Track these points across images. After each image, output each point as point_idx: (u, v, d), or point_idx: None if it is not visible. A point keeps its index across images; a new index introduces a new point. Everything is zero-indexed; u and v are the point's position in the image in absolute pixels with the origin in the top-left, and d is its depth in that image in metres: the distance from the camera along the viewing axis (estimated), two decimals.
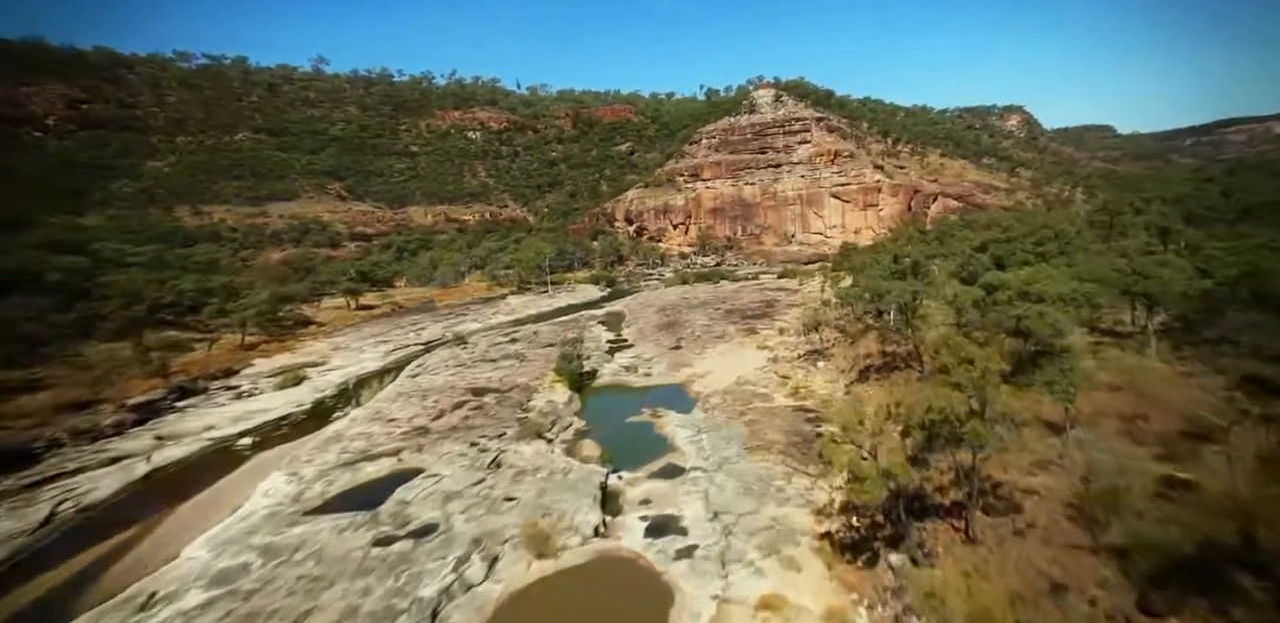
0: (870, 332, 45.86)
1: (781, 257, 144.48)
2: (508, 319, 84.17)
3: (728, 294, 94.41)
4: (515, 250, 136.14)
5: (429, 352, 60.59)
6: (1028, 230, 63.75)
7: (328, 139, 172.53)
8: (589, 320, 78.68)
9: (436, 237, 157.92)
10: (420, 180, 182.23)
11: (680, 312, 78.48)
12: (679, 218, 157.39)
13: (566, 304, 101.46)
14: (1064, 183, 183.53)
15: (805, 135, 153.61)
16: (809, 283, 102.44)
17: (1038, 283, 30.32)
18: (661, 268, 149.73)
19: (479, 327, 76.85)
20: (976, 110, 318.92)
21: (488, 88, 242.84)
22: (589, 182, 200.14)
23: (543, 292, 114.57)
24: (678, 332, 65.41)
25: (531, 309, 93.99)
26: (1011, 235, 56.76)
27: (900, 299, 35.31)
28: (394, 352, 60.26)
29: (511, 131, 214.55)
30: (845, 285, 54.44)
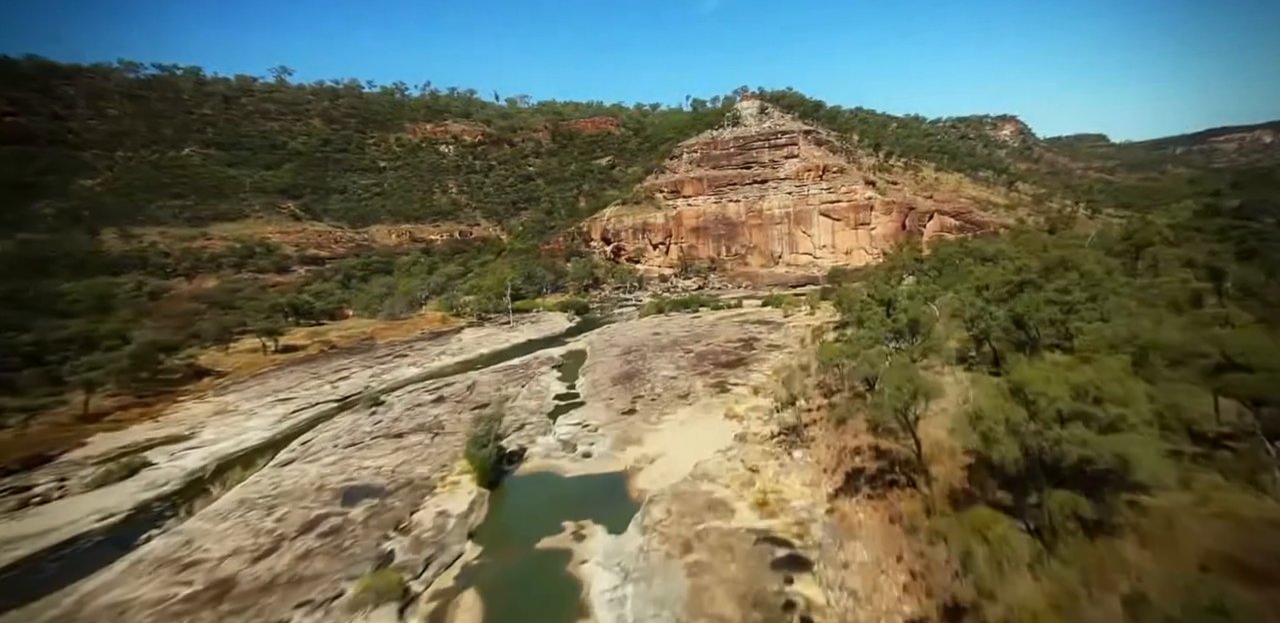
0: (860, 409, 36.74)
1: (768, 279, 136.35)
2: (453, 361, 74.59)
3: (703, 330, 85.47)
4: (479, 276, 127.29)
5: (342, 412, 50.79)
6: (1042, 267, 55.49)
7: (286, 154, 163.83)
8: (542, 365, 69.25)
9: (400, 258, 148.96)
10: (386, 197, 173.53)
11: (645, 356, 69.26)
12: (659, 237, 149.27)
13: (526, 340, 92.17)
14: (1064, 197, 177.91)
15: (792, 149, 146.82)
16: (795, 313, 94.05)
17: (1096, 387, 21.36)
18: (639, 292, 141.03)
19: (415, 373, 67.17)
20: (970, 120, 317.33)
21: (463, 99, 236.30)
22: (566, 198, 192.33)
23: (504, 323, 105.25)
24: (637, 386, 56.14)
25: (485, 347, 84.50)
26: (1026, 277, 48.26)
27: (899, 400, 26.24)
28: (293, 415, 50.36)
29: (486, 145, 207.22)
30: (830, 341, 45.57)
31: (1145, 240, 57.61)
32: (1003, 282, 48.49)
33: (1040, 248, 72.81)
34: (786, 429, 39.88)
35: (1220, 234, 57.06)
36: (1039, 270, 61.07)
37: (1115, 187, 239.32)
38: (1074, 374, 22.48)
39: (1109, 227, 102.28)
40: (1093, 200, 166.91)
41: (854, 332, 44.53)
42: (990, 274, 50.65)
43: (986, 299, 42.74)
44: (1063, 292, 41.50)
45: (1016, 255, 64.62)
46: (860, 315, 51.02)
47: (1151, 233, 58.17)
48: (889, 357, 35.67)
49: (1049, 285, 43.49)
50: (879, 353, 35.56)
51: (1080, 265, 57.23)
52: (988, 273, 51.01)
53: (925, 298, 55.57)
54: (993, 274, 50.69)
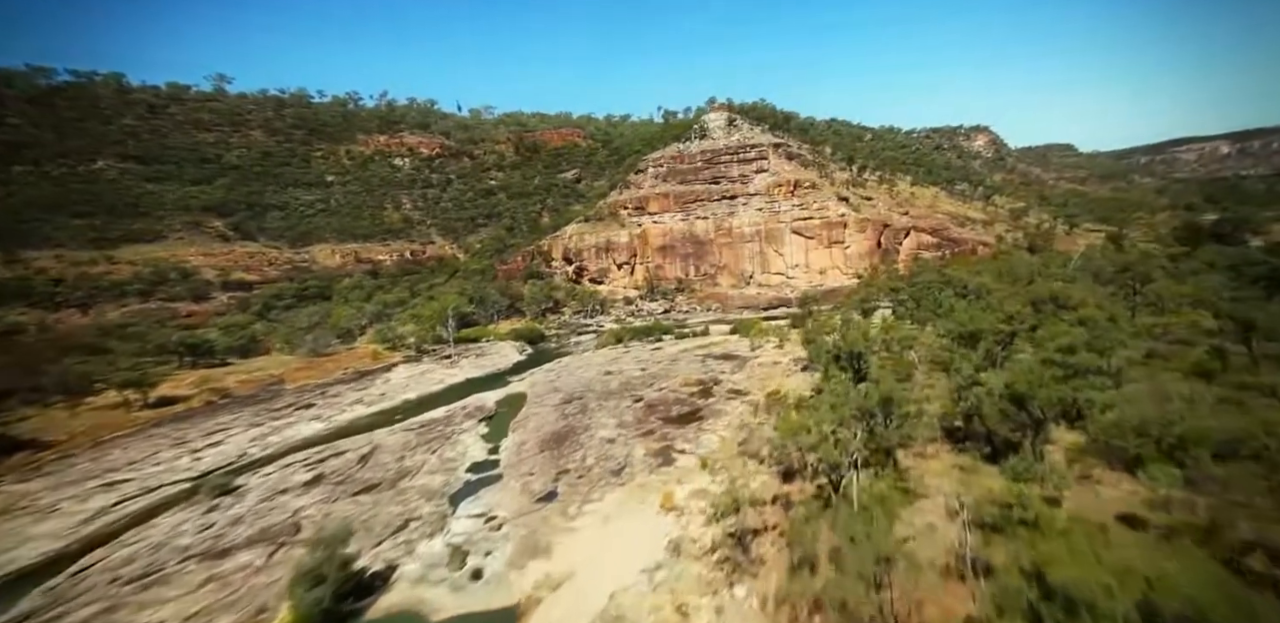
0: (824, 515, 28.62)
1: (739, 301, 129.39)
2: (367, 413, 64.77)
3: (660, 368, 77.28)
4: (422, 302, 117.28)
5: (185, 503, 40.67)
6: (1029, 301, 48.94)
7: (219, 168, 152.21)
8: (468, 418, 60.01)
9: (343, 281, 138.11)
10: (331, 214, 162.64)
11: (588, 406, 60.64)
12: (623, 257, 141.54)
13: (465, 379, 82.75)
14: (1040, 210, 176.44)
15: (762, 164, 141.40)
16: (763, 344, 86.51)
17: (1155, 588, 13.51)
18: (602, 316, 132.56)
19: (314, 432, 57.25)
20: (944, 130, 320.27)
21: (422, 110, 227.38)
22: (529, 213, 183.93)
23: (445, 357, 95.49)
24: (567, 453, 47.46)
25: (413, 390, 74.81)
26: (1017, 325, 41.38)
27: (859, 581, 18.19)
28: (114, 509, 39.91)
29: (445, 158, 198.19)
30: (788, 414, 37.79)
31: (1146, 275, 51.63)
32: (992, 331, 41.39)
33: (1026, 278, 66.96)
34: (732, 536, 31.48)
35: (1234, 272, 51.14)
36: (1027, 302, 54.71)
37: (1088, 198, 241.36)
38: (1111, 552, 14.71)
39: (1092, 248, 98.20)
40: (1070, 215, 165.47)
41: (817, 402, 36.67)
42: (976, 319, 43.55)
43: (976, 366, 35.29)
44: (1066, 351, 34.37)
45: (999, 288, 58.29)
46: (826, 373, 43.50)
47: (1153, 266, 52.23)
48: (855, 454, 27.71)
49: (1049, 341, 36.41)
50: (843, 448, 27.60)
51: (1071, 301, 50.96)
52: (972, 317, 43.93)
53: (901, 345, 48.35)
54: (980, 319, 43.62)
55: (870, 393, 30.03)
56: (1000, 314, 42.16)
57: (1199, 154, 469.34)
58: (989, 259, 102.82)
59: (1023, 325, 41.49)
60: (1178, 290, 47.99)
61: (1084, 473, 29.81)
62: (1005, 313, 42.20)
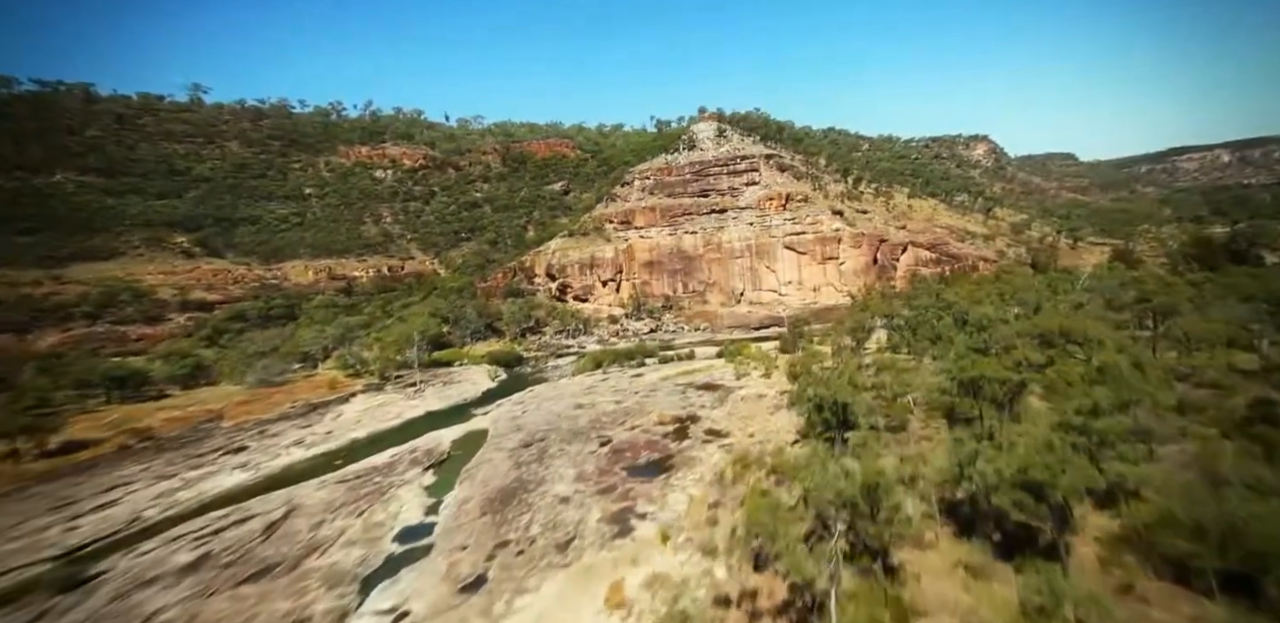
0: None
1: (728, 320, 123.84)
2: (305, 456, 58.64)
3: (637, 400, 71.42)
4: (391, 324, 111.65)
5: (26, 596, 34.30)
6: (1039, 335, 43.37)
7: (189, 181, 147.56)
8: (414, 465, 53.90)
9: (314, 299, 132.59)
10: (307, 228, 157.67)
11: (548, 451, 54.66)
12: (608, 273, 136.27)
13: (425, 412, 76.83)
14: (1043, 223, 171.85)
15: (753, 176, 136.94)
16: (749, 372, 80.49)
17: None
18: (584, 337, 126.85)
19: (235, 483, 51.12)
20: (943, 139, 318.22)
21: (407, 120, 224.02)
22: (514, 227, 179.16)
23: (410, 385, 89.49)
24: (512, 517, 41.42)
25: (365, 427, 68.75)
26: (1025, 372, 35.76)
27: None
28: None
29: (429, 169, 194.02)
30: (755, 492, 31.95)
31: (1170, 307, 46.01)
32: (999, 380, 35.59)
33: (1032, 304, 61.44)
34: None
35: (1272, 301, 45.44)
36: (1035, 336, 49.09)
37: (1090, 208, 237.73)
38: None
39: (1100, 267, 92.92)
40: (1073, 228, 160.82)
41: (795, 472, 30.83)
42: (979, 364, 37.79)
43: (979, 435, 29.49)
44: (1089, 414, 28.61)
45: (1003, 320, 52.65)
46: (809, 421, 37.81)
47: (1178, 298, 46.63)
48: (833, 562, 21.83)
49: (1067, 402, 30.66)
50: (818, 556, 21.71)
51: (1085, 335, 45.36)
52: (974, 363, 38.20)
53: (895, 389, 42.56)
54: (983, 364, 37.87)
55: (850, 478, 24.16)
56: (1007, 360, 36.42)
57: (1200, 163, 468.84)
58: (991, 277, 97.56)
59: (1032, 371, 35.85)
60: (1207, 328, 42.31)
61: (1123, 583, 23.81)
62: (1013, 359, 36.50)
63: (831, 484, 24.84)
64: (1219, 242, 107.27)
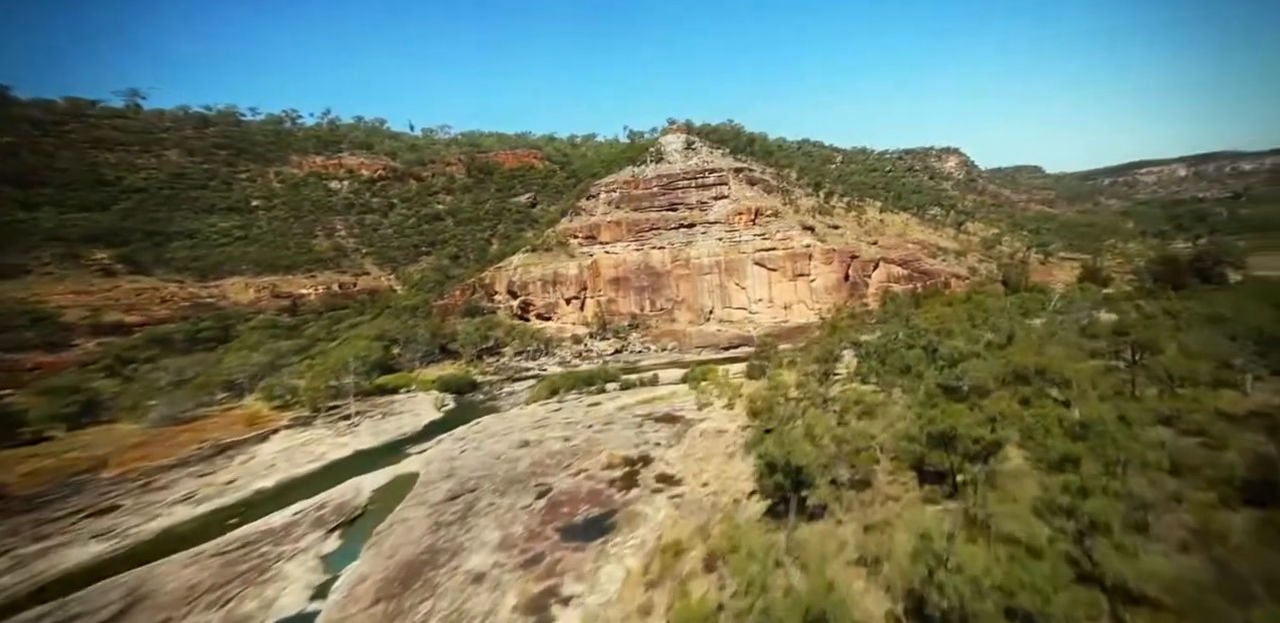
0: None
1: (697, 339, 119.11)
2: (190, 516, 50.86)
3: (587, 436, 65.50)
4: (331, 348, 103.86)
5: None
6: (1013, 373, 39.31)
7: (117, 191, 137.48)
8: (316, 527, 46.91)
9: (254, 318, 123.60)
10: (251, 243, 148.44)
11: (473, 507, 48.34)
12: (572, 290, 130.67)
13: (353, 452, 69.62)
14: (1013, 238, 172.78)
15: (722, 190, 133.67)
16: (713, 401, 75.30)
17: None
18: (546, 358, 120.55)
19: (87, 557, 43.21)
20: (916, 152, 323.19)
21: (367, 130, 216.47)
22: (477, 240, 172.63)
23: (345, 417, 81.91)
24: (408, 611, 34.88)
25: (274, 474, 61.18)
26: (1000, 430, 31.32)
27: None
28: None
29: (389, 180, 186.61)
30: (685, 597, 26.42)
31: (1152, 342, 42.49)
32: (971, 438, 30.92)
33: (1005, 331, 57.92)
34: None
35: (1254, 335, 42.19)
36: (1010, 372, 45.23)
37: (1058, 222, 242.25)
38: None
39: (1072, 289, 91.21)
40: (1043, 243, 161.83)
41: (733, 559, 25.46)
42: (950, 414, 33.19)
43: (949, 534, 24.60)
44: (1078, 493, 24.10)
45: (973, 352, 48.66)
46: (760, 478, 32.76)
47: (1159, 332, 43.15)
48: None
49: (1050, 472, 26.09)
50: None
51: (1062, 374, 41.51)
52: (944, 412, 33.58)
53: (858, 449, 37.74)
54: (954, 414, 33.26)
55: (795, 605, 18.76)
56: (979, 415, 31.92)
57: (1158, 176, 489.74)
58: (962, 297, 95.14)
59: (1009, 429, 31.48)
60: (1191, 367, 38.80)
61: None
62: (986, 413, 32.03)
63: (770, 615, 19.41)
64: (1184, 259, 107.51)
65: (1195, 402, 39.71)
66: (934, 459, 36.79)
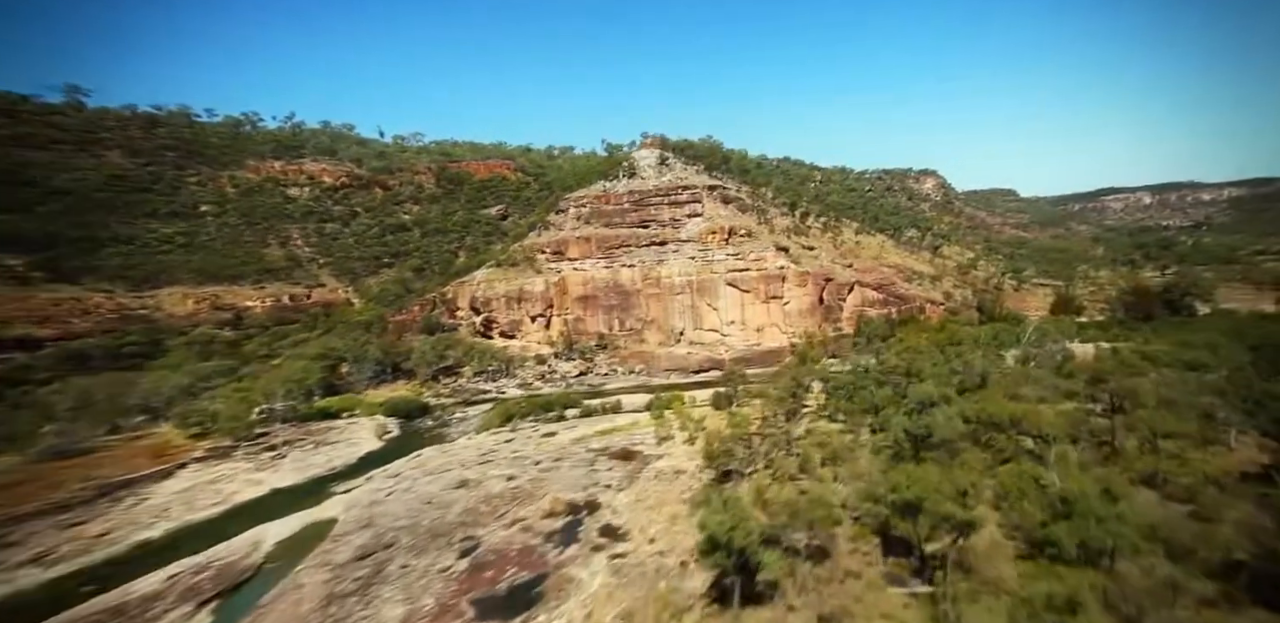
0: None
1: (666, 362, 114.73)
2: (35, 583, 43.49)
3: (534, 475, 59.98)
4: (275, 365, 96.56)
5: None
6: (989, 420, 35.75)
7: (42, 193, 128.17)
8: (184, 605, 40.15)
9: (191, 332, 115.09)
10: (196, 250, 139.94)
11: (383, 572, 42.37)
12: (538, 308, 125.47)
13: (269, 491, 62.84)
14: (989, 262, 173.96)
15: (695, 207, 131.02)
16: (674, 434, 70.44)
17: None
18: (507, 379, 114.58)
19: None
20: (895, 173, 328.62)
21: (333, 135, 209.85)
22: (444, 252, 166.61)
23: (269, 448, 74.71)
24: None
25: (166, 522, 54.14)
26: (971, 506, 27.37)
27: None
28: None
29: (352, 188, 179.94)
30: None
31: (1132, 392, 39.47)
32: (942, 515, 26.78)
33: (979, 371, 54.81)
34: None
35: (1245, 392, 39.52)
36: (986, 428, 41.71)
37: (1032, 246, 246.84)
38: None
39: (1046, 321, 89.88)
40: (1017, 269, 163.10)
41: None
42: (917, 481, 29.09)
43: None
44: (1064, 609, 19.81)
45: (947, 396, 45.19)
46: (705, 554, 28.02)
47: (1138, 383, 40.15)
48: None
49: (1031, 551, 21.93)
50: None
51: (1040, 426, 38.12)
52: (911, 480, 29.43)
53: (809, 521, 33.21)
54: (920, 481, 29.15)
55: None
56: (949, 486, 27.86)
57: (1125, 203, 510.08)
58: (936, 327, 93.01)
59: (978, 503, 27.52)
60: (1176, 424, 35.79)
61: None
62: (956, 486, 28.01)
63: None
64: (1155, 290, 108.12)
65: (1180, 460, 36.64)
66: (900, 528, 32.69)
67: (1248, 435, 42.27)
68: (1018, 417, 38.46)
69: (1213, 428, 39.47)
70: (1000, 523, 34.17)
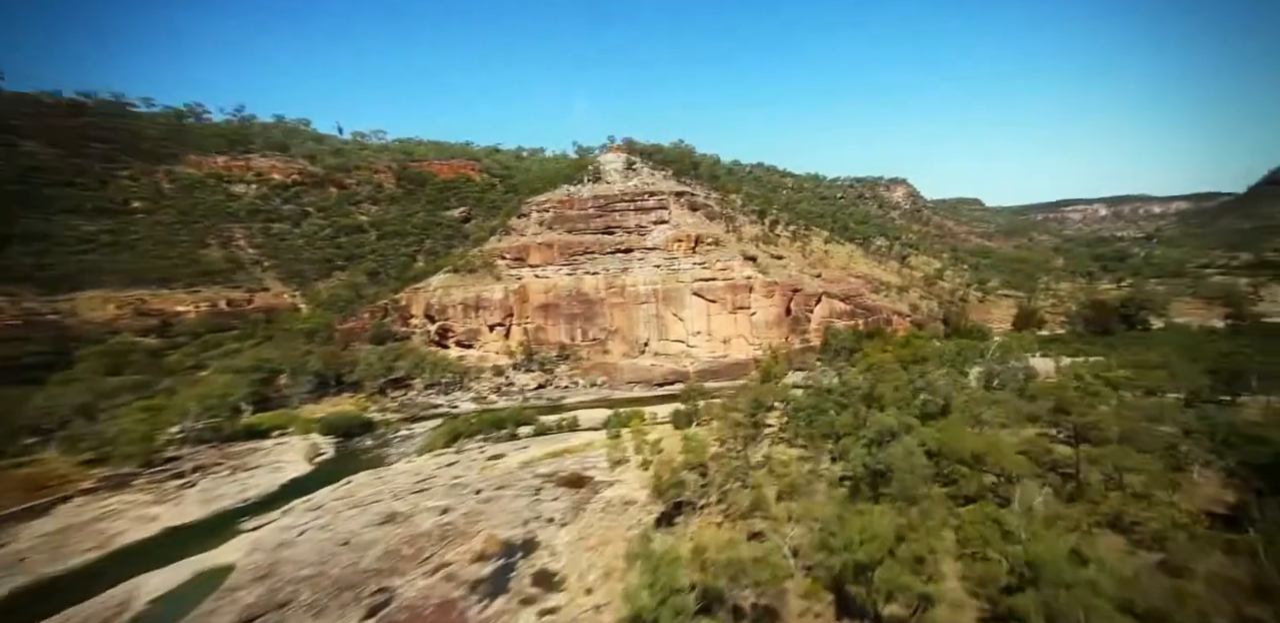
0: None
1: (629, 374, 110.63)
2: None
3: (468, 511, 54.80)
4: (184, 384, 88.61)
5: None
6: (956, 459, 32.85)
7: None
8: None
9: (109, 341, 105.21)
10: (122, 250, 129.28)
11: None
12: (496, 316, 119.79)
13: (162, 530, 56.00)
14: (955, 273, 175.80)
15: (662, 214, 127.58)
16: (630, 457, 66.07)
17: None
18: (461, 392, 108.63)
19: None
20: (866, 181, 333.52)
21: (286, 130, 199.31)
22: (401, 256, 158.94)
23: (178, 475, 67.35)
24: None
25: (16, 576, 46.89)
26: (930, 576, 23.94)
27: None
28: None
29: (304, 186, 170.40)
30: None
31: (1093, 425, 37.15)
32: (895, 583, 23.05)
33: (941, 396, 52.34)
34: None
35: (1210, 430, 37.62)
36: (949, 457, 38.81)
37: (996, 255, 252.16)
38: None
39: (1009, 338, 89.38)
40: (981, 280, 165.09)
41: None
42: (870, 540, 25.50)
43: None
44: None
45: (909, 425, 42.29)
46: None
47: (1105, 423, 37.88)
48: None
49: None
50: None
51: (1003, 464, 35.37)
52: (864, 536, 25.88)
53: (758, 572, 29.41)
54: (875, 536, 25.57)
55: None
56: (908, 552, 24.38)
57: (1083, 214, 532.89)
58: (901, 342, 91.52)
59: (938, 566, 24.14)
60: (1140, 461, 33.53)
61: None
62: (914, 553, 24.58)
63: None
64: (1112, 305, 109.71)
65: (1146, 501, 34.36)
66: (855, 590, 29.13)
67: (1210, 467, 40.66)
68: (980, 453, 35.66)
69: (1175, 458, 37.78)
70: (964, 575, 31.14)
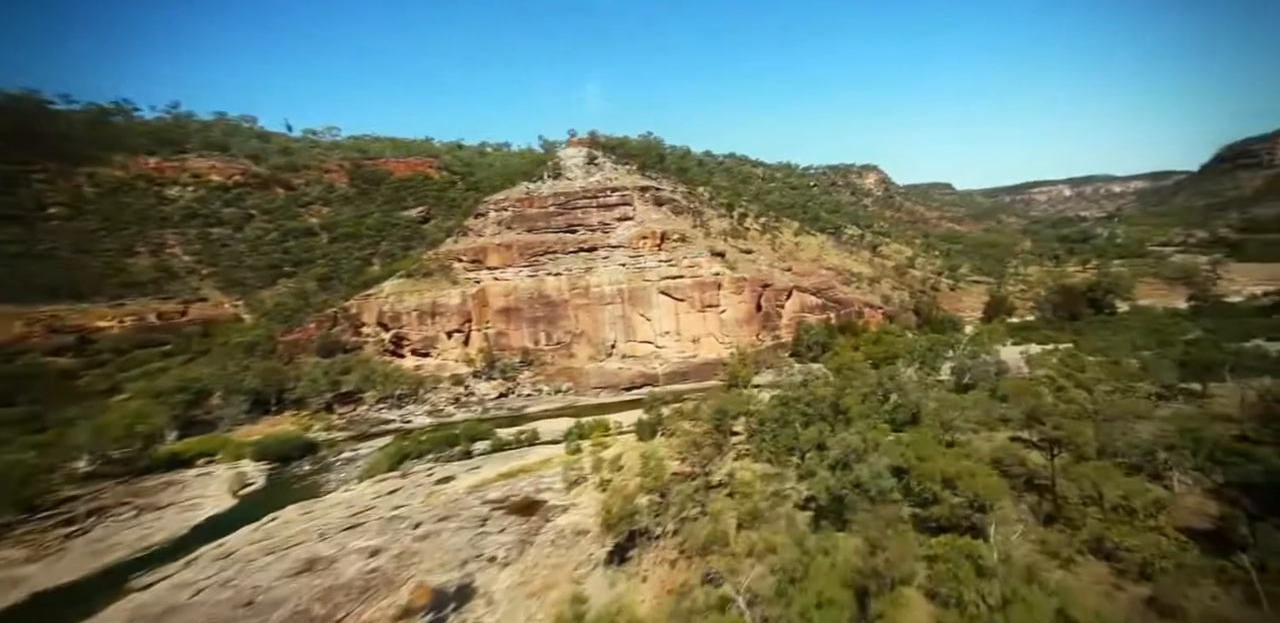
0: None
1: (596, 379, 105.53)
2: None
3: (401, 551, 49.29)
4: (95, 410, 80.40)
5: None
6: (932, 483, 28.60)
7: None
8: None
9: (12, 362, 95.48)
10: (34, 261, 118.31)
11: None
12: (454, 322, 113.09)
13: (27, 595, 48.79)
14: (926, 261, 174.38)
15: (626, 210, 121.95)
16: (588, 477, 60.97)
17: None
18: (416, 406, 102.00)
19: None
20: (839, 169, 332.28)
21: (227, 128, 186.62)
22: (354, 260, 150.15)
23: (65, 520, 59.97)
24: None
25: None
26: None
27: None
28: None
29: (247, 188, 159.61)
30: None
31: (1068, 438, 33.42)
32: None
33: (910, 407, 48.52)
34: None
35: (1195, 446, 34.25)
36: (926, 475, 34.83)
37: (966, 240, 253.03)
38: None
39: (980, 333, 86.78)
40: (953, 266, 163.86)
41: None
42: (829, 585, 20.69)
43: None
44: None
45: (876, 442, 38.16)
46: None
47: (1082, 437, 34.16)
48: None
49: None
50: None
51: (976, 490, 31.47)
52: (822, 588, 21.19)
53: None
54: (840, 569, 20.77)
55: None
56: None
57: (1049, 195, 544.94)
58: (872, 338, 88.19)
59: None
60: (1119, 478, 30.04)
61: None
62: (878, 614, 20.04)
63: None
64: (1079, 290, 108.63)
65: (1129, 522, 30.89)
66: None
67: (1188, 475, 37.74)
68: (951, 476, 31.68)
69: (1154, 466, 34.80)
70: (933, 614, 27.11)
